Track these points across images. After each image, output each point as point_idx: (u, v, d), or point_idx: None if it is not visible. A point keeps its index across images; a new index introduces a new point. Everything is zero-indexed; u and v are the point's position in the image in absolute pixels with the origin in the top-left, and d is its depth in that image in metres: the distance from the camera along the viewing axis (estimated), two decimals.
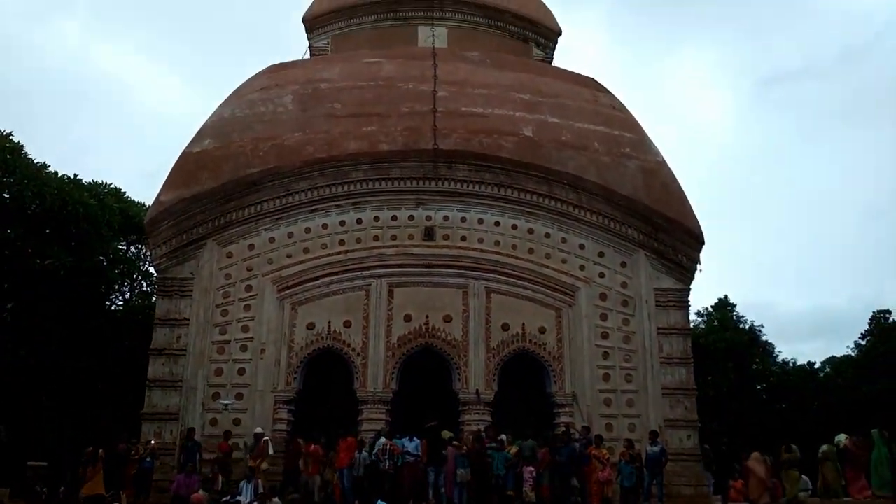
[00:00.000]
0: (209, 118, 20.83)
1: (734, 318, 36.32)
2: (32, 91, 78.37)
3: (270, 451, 16.44)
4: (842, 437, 16.55)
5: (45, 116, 76.89)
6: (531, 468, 15.90)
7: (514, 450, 16.35)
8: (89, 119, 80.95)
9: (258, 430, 16.93)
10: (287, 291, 18.88)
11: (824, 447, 16.95)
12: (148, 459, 16.39)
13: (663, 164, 20.60)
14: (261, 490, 14.97)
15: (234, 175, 19.26)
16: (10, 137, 24.24)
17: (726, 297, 37.77)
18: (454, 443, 16.40)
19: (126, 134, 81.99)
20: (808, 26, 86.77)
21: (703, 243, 19.58)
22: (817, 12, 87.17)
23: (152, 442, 17.04)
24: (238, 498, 14.83)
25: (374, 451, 16.14)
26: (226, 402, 17.89)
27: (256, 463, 15.95)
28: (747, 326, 36.14)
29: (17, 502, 15.30)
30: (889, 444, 15.69)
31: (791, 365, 36.64)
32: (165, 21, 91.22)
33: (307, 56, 25.46)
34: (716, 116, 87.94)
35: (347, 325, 18.63)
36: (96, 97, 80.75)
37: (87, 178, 26.59)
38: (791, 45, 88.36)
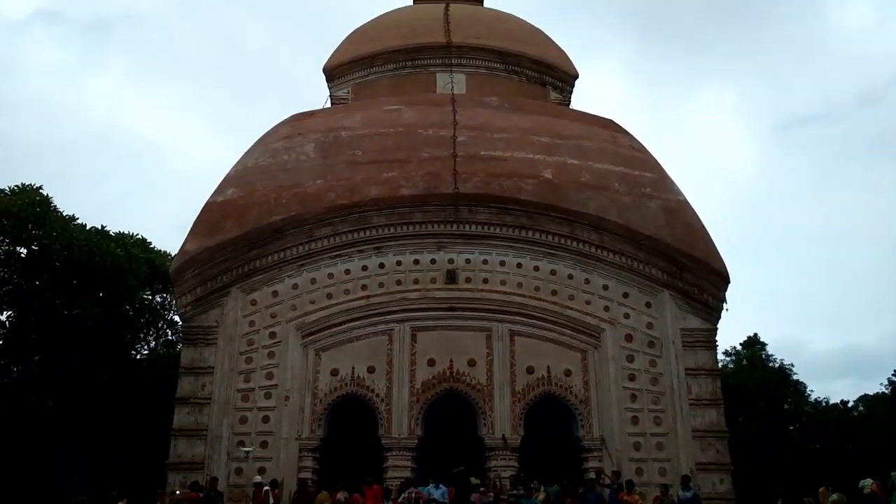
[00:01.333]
0: (233, 168, 21.19)
1: (763, 356, 35.66)
2: (67, 146, 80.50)
3: (271, 501, 16.23)
4: (867, 482, 16.20)
5: (79, 171, 78.84)
6: None
7: (541, 496, 16.08)
8: (122, 173, 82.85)
9: (257, 478, 16.72)
10: (311, 337, 18.89)
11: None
12: None
13: (685, 203, 20.52)
14: None
15: (258, 223, 19.48)
16: (40, 190, 24.80)
17: (756, 335, 37.13)
18: (480, 489, 16.15)
19: (157, 187, 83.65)
20: (827, 70, 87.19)
21: (728, 282, 19.37)
22: (836, 56, 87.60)
23: (178, 492, 16.93)
24: None
25: (400, 499, 15.93)
26: (247, 449, 17.80)
27: None
28: (777, 365, 35.42)
29: None
30: None
31: (824, 404, 35.78)
32: (195, 77, 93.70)
33: (328, 105, 25.90)
34: (737, 158, 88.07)
35: (371, 370, 18.56)
36: (128, 151, 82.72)
37: (116, 229, 27.05)
38: (810, 88, 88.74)
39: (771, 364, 35.26)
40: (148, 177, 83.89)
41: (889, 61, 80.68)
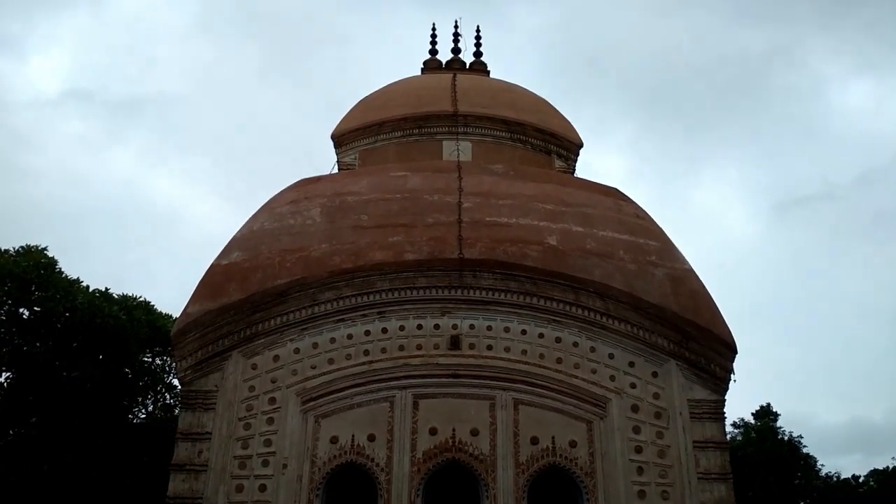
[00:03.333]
0: (238, 231, 21.28)
1: (773, 429, 34.97)
2: (83, 215, 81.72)
3: None
4: None
5: (93, 240, 79.80)
6: None
7: None
8: (136, 242, 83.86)
9: None
10: (311, 403, 18.58)
11: None
12: None
13: (691, 271, 20.45)
14: None
15: (262, 286, 19.42)
16: (45, 252, 24.91)
17: (769, 405, 36.46)
18: None
19: (171, 254, 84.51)
20: (827, 150, 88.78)
21: (735, 352, 19.10)
22: (836, 136, 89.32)
23: None
24: None
25: None
26: None
27: None
28: (786, 438, 34.70)
29: None
30: None
31: (835, 479, 34.87)
32: (212, 151, 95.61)
33: (335, 170, 26.20)
34: (740, 233, 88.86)
35: (371, 438, 18.16)
36: (144, 221, 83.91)
37: (120, 291, 27.02)
38: (810, 167, 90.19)
39: (780, 437, 34.55)
40: (162, 245, 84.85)
41: (889, 141, 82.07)
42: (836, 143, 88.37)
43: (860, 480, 34.89)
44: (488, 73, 30.96)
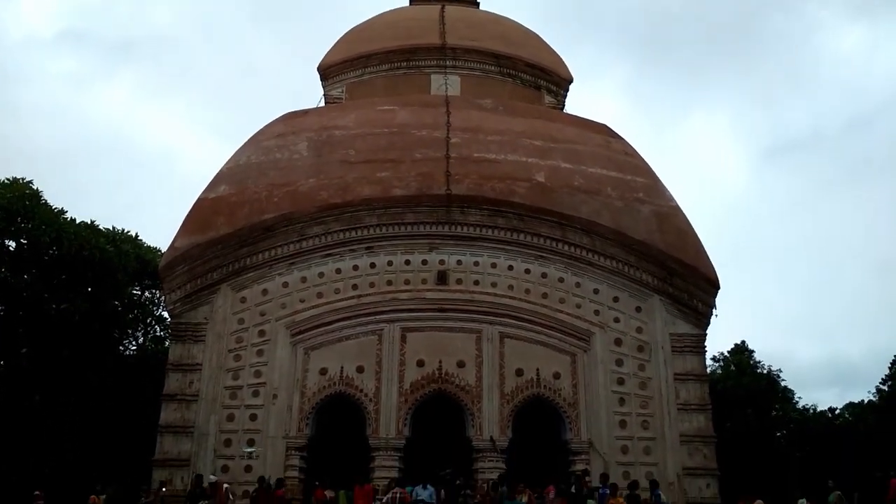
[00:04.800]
0: (225, 164, 21.11)
1: (752, 363, 35.80)
2: (73, 153, 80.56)
3: (231, 498, 16.17)
4: (803, 502, 16.64)
5: (85, 177, 78.90)
6: None
7: (525, 498, 16.09)
8: (129, 179, 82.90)
9: (212, 477, 16.64)
10: (300, 336, 18.84)
11: (801, 501, 17.25)
12: None
13: (677, 208, 20.59)
14: None
15: (249, 221, 19.41)
16: (30, 184, 24.64)
17: (744, 342, 37.31)
18: (466, 492, 16.14)
19: (162, 191, 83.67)
20: (818, 95, 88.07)
21: (718, 288, 19.44)
22: (826, 83, 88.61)
23: (163, 489, 16.85)
24: None
25: (385, 500, 15.92)
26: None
27: None
28: (765, 372, 35.58)
29: None
30: None
31: (811, 411, 35.95)
32: (201, 88, 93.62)
33: (322, 104, 25.86)
34: (729, 177, 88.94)
35: (360, 370, 18.52)
36: (136, 159, 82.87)
37: (107, 224, 26.87)
38: (801, 113, 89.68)
39: (759, 371, 35.41)
40: (153, 183, 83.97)
41: (878, 88, 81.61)
42: (827, 89, 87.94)
43: (836, 413, 36.05)
44: (477, 4, 30.27)
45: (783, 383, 35.96)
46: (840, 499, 16.30)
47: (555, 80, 26.55)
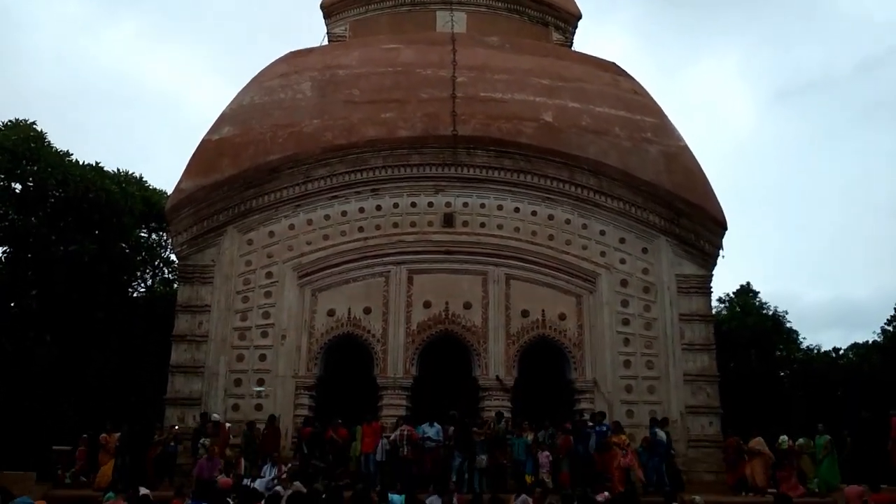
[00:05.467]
0: (228, 105, 20.89)
1: (757, 304, 35.90)
2: (77, 96, 79.64)
3: (231, 438, 16.53)
4: (784, 438, 16.83)
5: (91, 122, 78.24)
6: (547, 453, 16.04)
7: (531, 436, 16.44)
8: (134, 122, 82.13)
9: (215, 416, 16.97)
10: (307, 278, 18.94)
11: (800, 440, 17.34)
12: (171, 444, 16.58)
13: (685, 148, 20.34)
14: (283, 474, 15.10)
15: (254, 162, 19.31)
16: (34, 126, 24.50)
17: (749, 283, 37.34)
18: (473, 429, 16.45)
19: (167, 135, 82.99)
20: (828, 38, 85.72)
21: (725, 229, 19.34)
22: (837, 24, 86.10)
23: (176, 427, 17.23)
24: (259, 481, 14.91)
25: (392, 438, 16.25)
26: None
27: (218, 449, 15.83)
28: (770, 313, 35.69)
29: (43, 485, 15.54)
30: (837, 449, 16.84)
31: (815, 352, 36.14)
32: (208, 31, 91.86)
33: (325, 42, 25.39)
34: (737, 119, 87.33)
35: (367, 311, 18.66)
36: (138, 102, 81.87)
37: (112, 166, 26.79)
38: (811, 56, 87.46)
39: (765, 311, 35.53)
40: (158, 126, 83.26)
41: (890, 29, 79.27)
42: (838, 30, 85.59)
43: (840, 353, 36.26)
44: None
45: (788, 324, 36.08)
46: (829, 443, 16.45)
47: (563, 15, 25.94)
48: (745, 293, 36.87)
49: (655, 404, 18.24)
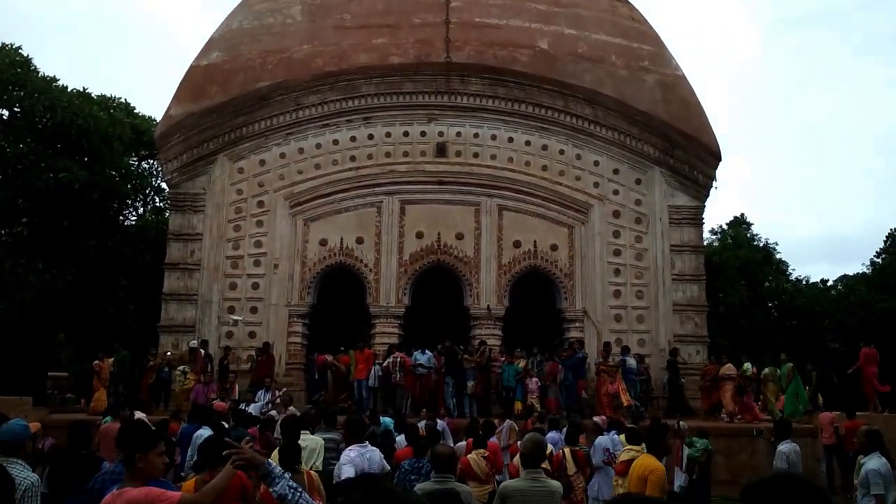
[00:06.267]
0: (217, 30, 20.35)
1: (749, 236, 36.06)
2: (60, 18, 77.25)
3: (209, 366, 16.83)
4: (748, 366, 17.05)
5: (76, 45, 76.05)
6: (535, 379, 16.36)
7: (522, 363, 16.72)
8: (121, 48, 79.90)
9: (193, 343, 17.20)
10: (299, 207, 18.88)
11: (766, 369, 17.51)
12: (165, 369, 16.82)
13: (682, 78, 20.02)
14: (277, 399, 15.38)
15: (244, 89, 18.98)
16: (20, 51, 23.90)
17: (742, 215, 37.42)
18: (465, 356, 16.73)
19: (157, 60, 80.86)
20: None
21: (719, 160, 19.25)
22: None
23: (168, 353, 17.45)
24: (253, 406, 15.20)
25: (385, 364, 16.54)
26: (236, 317, 18.20)
27: (194, 375, 16.19)
28: (761, 245, 35.88)
29: (40, 410, 15.81)
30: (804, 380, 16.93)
31: (804, 283, 36.52)
32: None
33: None
34: (736, 51, 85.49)
35: (360, 241, 18.69)
36: (125, 26, 79.37)
37: (99, 92, 26.28)
38: None
39: (756, 243, 35.71)
40: (146, 52, 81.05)
41: None
42: None
43: (828, 285, 36.64)
44: None
45: (778, 256, 36.35)
46: (792, 371, 16.61)
47: None
48: (739, 224, 36.96)
49: (644, 333, 18.53)
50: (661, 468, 6.70)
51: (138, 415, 11.91)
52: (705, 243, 21.93)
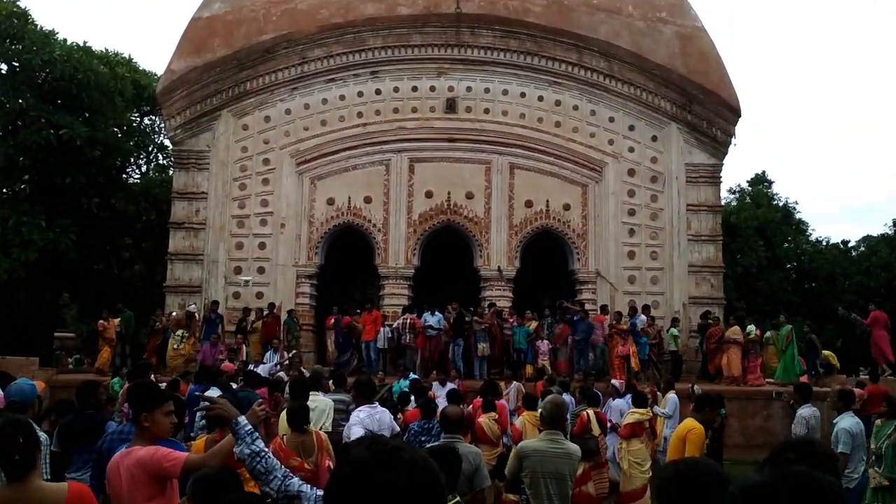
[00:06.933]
0: None
1: (768, 196, 35.13)
2: None
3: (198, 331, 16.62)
4: (752, 328, 16.44)
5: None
6: (547, 342, 16.05)
7: (534, 325, 16.40)
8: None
9: (192, 307, 16.94)
10: (305, 165, 18.40)
11: (768, 333, 16.86)
12: (169, 330, 16.58)
13: (702, 29, 19.21)
14: (286, 360, 15.15)
15: (247, 42, 18.36)
16: (17, 2, 23.23)
17: (764, 172, 36.34)
18: (475, 318, 16.41)
19: (155, 5, 79.33)
20: None
21: (739, 115, 18.57)
22: None
23: (173, 313, 17.20)
24: (261, 366, 14.98)
25: (395, 325, 16.27)
26: (245, 278, 17.90)
27: (194, 342, 16.06)
28: (781, 204, 34.99)
29: (46, 370, 15.68)
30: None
31: (824, 244, 35.63)
32: None
33: None
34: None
35: (368, 200, 18.24)
36: None
37: (99, 46, 25.63)
38: None
39: (775, 203, 34.85)
40: (146, 5, 79.47)
41: None
42: None
43: (850, 245, 35.76)
44: None
45: (798, 215, 35.49)
46: (791, 333, 16.14)
47: None
48: (760, 182, 35.98)
49: (658, 295, 18.12)
50: (699, 428, 6.69)
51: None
52: (723, 203, 21.36)
